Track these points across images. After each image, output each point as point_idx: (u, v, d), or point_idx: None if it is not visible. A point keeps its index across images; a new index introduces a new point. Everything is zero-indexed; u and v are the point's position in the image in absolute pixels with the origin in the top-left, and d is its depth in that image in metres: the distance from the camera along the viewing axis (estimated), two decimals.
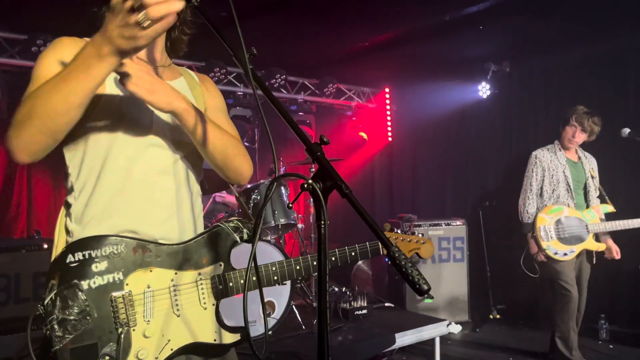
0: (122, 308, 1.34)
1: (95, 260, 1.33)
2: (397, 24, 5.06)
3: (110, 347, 1.31)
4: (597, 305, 4.79)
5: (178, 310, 1.44)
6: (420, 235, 2.07)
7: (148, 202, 1.44)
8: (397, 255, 0.95)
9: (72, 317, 1.28)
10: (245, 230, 1.57)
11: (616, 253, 4.04)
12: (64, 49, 1.34)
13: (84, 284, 1.31)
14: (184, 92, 1.57)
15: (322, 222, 1.04)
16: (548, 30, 5.09)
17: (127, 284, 1.36)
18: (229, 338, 1.52)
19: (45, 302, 1.27)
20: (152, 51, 1.53)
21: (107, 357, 1.30)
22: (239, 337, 1.52)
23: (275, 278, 1.61)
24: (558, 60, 5.69)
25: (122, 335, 1.33)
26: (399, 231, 2.09)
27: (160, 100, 1.32)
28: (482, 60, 5.99)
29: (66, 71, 1.16)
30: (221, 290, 1.52)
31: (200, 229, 1.60)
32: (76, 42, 1.40)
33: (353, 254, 1.83)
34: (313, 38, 5.34)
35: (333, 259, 1.78)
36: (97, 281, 1.32)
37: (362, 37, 5.42)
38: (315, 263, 1.68)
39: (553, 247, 3.92)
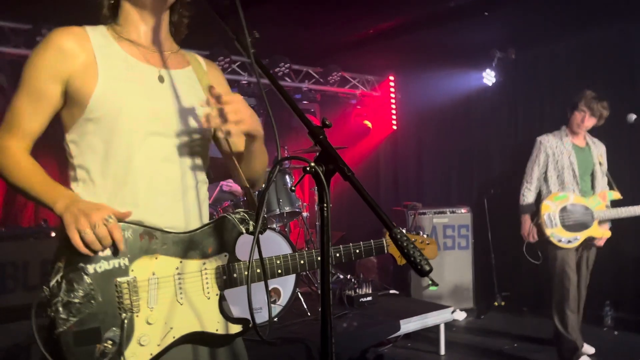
0: (127, 294, 1.35)
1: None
2: (401, 11, 5.03)
3: (113, 331, 1.32)
4: (602, 292, 4.80)
5: (182, 298, 1.44)
6: (425, 235, 2.10)
7: (152, 191, 1.44)
8: (399, 236, 0.96)
9: (76, 300, 1.29)
10: (251, 222, 1.55)
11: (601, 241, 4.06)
12: (58, 53, 1.38)
13: (90, 268, 1.32)
14: (192, 83, 1.57)
15: (325, 205, 1.05)
16: (553, 16, 5.04)
17: (132, 270, 1.37)
18: (232, 329, 1.51)
19: (51, 284, 1.28)
20: (158, 37, 1.53)
21: (109, 342, 1.31)
22: (242, 328, 1.52)
23: (280, 271, 1.60)
24: (564, 46, 5.64)
25: (126, 321, 1.34)
26: (404, 230, 2.08)
27: (258, 128, 1.45)
28: (487, 47, 5.94)
29: (32, 181, 1.38)
30: (225, 280, 1.52)
31: (206, 217, 1.60)
32: (72, 34, 1.41)
33: (357, 251, 1.82)
34: (317, 26, 5.31)
35: (337, 255, 1.77)
36: (102, 265, 1.34)
37: (366, 24, 5.39)
38: (319, 258, 1.65)
39: (557, 234, 3.93)
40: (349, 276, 4.89)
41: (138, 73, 1.46)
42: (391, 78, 7.36)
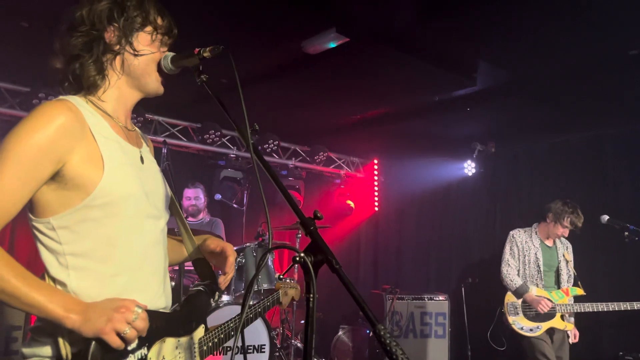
0: None
1: None
2: (388, 101, 5.28)
3: None
4: None
5: None
6: (289, 280, 2.76)
7: (150, 275, 1.45)
8: (382, 333, 0.98)
9: None
10: (217, 293, 1.69)
11: (573, 337, 4.20)
12: (59, 132, 1.27)
13: None
14: (153, 160, 1.62)
15: (311, 296, 1.08)
16: (534, 116, 5.33)
17: (150, 358, 1.36)
18: None
19: None
20: (129, 116, 1.54)
21: None
22: None
23: (232, 333, 1.77)
24: (541, 145, 5.92)
25: None
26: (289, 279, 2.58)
27: None
28: (468, 140, 6.20)
29: (21, 287, 1.19)
30: (205, 351, 1.61)
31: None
32: (70, 111, 1.31)
33: (259, 310, 2.08)
34: (307, 108, 5.53)
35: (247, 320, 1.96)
36: None
37: (354, 110, 5.63)
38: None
39: (519, 322, 4.13)
40: None
41: (129, 156, 1.45)
42: (375, 161, 7.57)
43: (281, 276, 1.37)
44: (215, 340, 1.65)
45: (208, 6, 3.37)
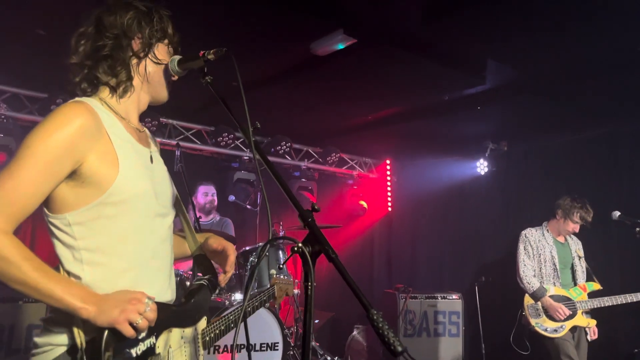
0: None
1: None
2: (398, 101, 5.30)
3: None
4: None
5: None
6: (288, 278, 2.93)
7: (157, 270, 1.54)
8: (375, 317, 1.03)
9: None
10: (217, 288, 1.77)
11: (593, 333, 4.14)
12: (79, 131, 1.34)
13: (133, 352, 1.37)
14: (160, 159, 1.68)
15: (309, 284, 1.13)
16: (545, 114, 5.31)
17: (158, 347, 1.45)
18: None
19: None
20: (136, 120, 1.60)
21: None
22: None
23: (232, 325, 1.94)
24: (555, 142, 5.89)
25: None
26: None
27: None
28: (480, 139, 6.20)
29: (38, 278, 1.25)
30: (207, 341, 1.72)
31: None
32: (89, 112, 1.38)
33: (257, 304, 2.28)
34: (318, 109, 5.57)
35: (242, 314, 1.97)
36: (140, 348, 1.39)
37: (365, 111, 5.66)
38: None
39: (542, 324, 4.06)
40: (336, 358, 4.79)
41: (141, 156, 1.53)
42: (388, 162, 7.60)
43: (281, 265, 1.44)
44: (217, 331, 1.78)
45: (217, 10, 3.44)
